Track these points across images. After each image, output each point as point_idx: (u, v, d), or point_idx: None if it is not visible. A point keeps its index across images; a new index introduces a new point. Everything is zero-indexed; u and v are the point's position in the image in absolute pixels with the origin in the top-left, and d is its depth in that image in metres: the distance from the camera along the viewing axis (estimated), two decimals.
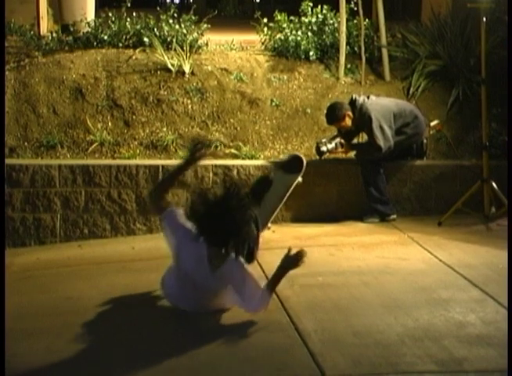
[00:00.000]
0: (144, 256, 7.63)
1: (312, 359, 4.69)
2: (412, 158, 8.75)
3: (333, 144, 8.54)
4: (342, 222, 8.46)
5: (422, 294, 5.87)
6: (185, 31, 10.03)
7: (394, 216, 8.43)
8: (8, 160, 8.71)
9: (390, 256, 7.04)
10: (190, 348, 4.94)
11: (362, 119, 8.40)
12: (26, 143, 9.11)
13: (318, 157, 8.65)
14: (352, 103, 8.49)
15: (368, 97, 8.56)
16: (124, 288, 5.34)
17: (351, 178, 8.70)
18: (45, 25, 10.79)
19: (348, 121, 8.45)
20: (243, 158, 8.93)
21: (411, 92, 9.55)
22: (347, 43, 9.88)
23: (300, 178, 7.93)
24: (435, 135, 9.23)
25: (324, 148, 8.52)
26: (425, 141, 8.80)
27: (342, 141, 8.55)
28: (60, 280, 7.01)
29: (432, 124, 8.96)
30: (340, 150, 8.60)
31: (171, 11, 10.23)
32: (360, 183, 8.57)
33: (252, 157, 8.95)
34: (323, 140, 8.62)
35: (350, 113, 8.43)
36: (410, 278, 6.32)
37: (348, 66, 9.92)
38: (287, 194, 7.91)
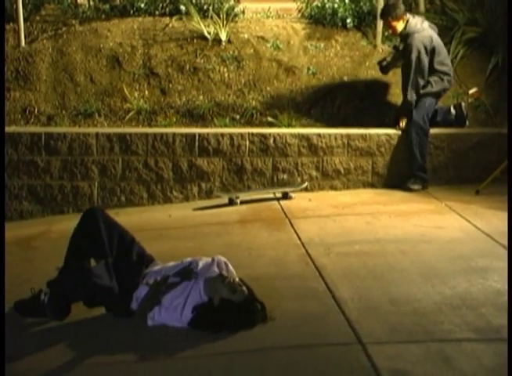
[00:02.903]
0: (180, 224, 7.66)
1: (349, 327, 4.69)
2: (453, 125, 8.75)
3: (390, 57, 9.03)
4: (379, 190, 8.44)
5: (459, 263, 5.84)
6: None
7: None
8: (46, 129, 8.79)
9: (427, 225, 7.01)
10: None
11: (407, 47, 8.58)
12: (63, 111, 9.17)
13: (382, 74, 9.19)
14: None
15: (422, 22, 8.67)
16: (160, 256, 5.33)
17: (390, 149, 8.66)
18: None
19: (399, 27, 8.61)
20: (279, 126, 8.92)
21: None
22: None
23: None
24: (473, 103, 9.15)
25: (384, 62, 9.00)
26: (463, 104, 8.77)
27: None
28: None
29: (470, 92, 8.87)
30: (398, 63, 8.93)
31: None
32: (398, 153, 8.54)
33: (288, 125, 8.93)
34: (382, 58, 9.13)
35: (406, 19, 8.58)
36: (447, 246, 6.29)
37: (386, 33, 9.81)
38: None
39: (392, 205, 7.82)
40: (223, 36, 9.64)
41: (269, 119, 9.04)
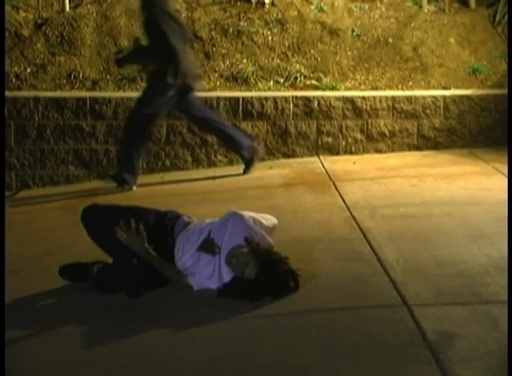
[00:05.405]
0: (224, 187, 7.67)
1: (394, 289, 4.66)
2: None
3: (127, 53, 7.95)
4: (425, 153, 8.38)
5: (506, 225, 5.76)
6: None
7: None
8: (91, 93, 8.84)
9: (473, 187, 6.93)
10: None
11: None
12: (108, 76, 9.19)
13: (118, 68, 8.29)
14: None
15: None
16: (203, 218, 5.35)
17: (436, 111, 8.57)
18: None
19: None
20: (323, 89, 8.86)
21: (497, 19, 9.29)
22: None
23: None
24: None
25: (120, 55, 7.97)
26: None
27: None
28: None
29: None
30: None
31: None
32: (443, 115, 8.45)
33: (333, 88, 8.87)
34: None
35: None
36: (494, 208, 6.20)
37: None
38: None
39: (438, 168, 7.76)
40: None
41: (313, 82, 8.98)
